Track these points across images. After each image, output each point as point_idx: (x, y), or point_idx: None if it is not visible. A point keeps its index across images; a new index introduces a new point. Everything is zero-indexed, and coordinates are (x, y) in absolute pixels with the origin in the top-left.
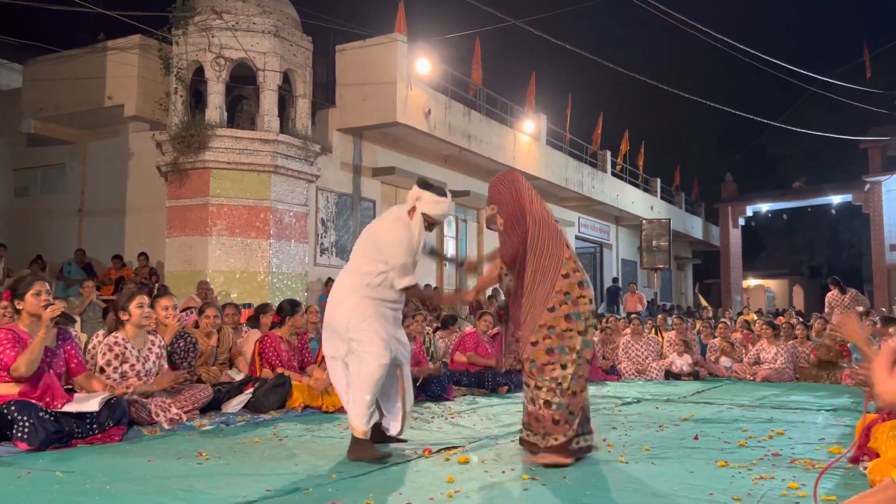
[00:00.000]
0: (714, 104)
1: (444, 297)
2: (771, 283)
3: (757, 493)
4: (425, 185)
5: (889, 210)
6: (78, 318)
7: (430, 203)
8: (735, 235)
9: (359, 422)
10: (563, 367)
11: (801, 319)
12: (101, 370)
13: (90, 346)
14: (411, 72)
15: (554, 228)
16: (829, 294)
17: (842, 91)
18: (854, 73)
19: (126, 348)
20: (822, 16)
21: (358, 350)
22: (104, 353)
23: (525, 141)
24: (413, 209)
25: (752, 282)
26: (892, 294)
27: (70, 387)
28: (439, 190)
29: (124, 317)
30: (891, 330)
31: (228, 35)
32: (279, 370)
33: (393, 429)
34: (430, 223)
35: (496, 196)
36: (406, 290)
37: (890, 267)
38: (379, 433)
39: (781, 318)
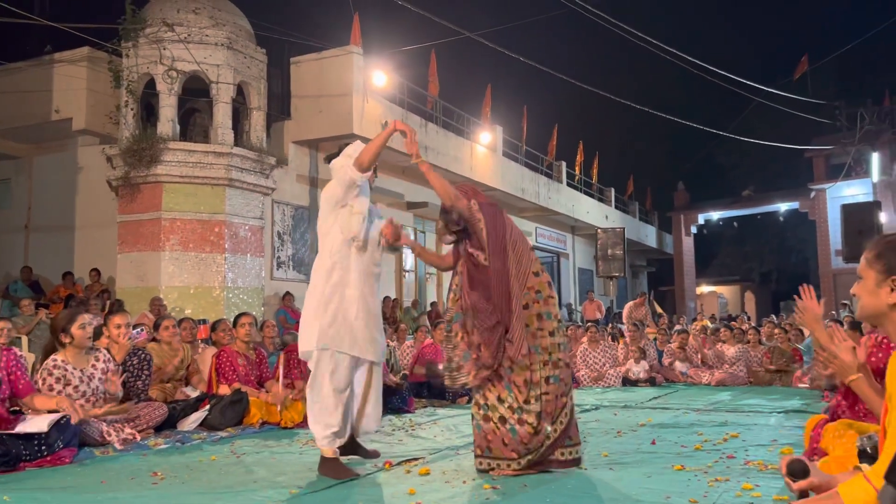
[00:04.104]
0: (665, 115)
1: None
2: (723, 290)
3: (713, 496)
4: (340, 149)
5: (833, 217)
6: (25, 338)
7: (356, 148)
8: (688, 243)
9: (324, 442)
10: (540, 367)
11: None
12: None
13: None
14: (367, 84)
15: (519, 228)
16: (634, 301)
17: (787, 102)
18: (799, 84)
19: (67, 370)
20: (768, 29)
21: (320, 364)
22: (44, 379)
23: (482, 152)
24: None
25: (705, 288)
26: (838, 298)
27: (17, 408)
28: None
29: (66, 339)
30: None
31: (180, 47)
32: (236, 386)
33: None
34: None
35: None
36: (361, 164)
37: (835, 272)
38: (353, 446)
39: (734, 322)
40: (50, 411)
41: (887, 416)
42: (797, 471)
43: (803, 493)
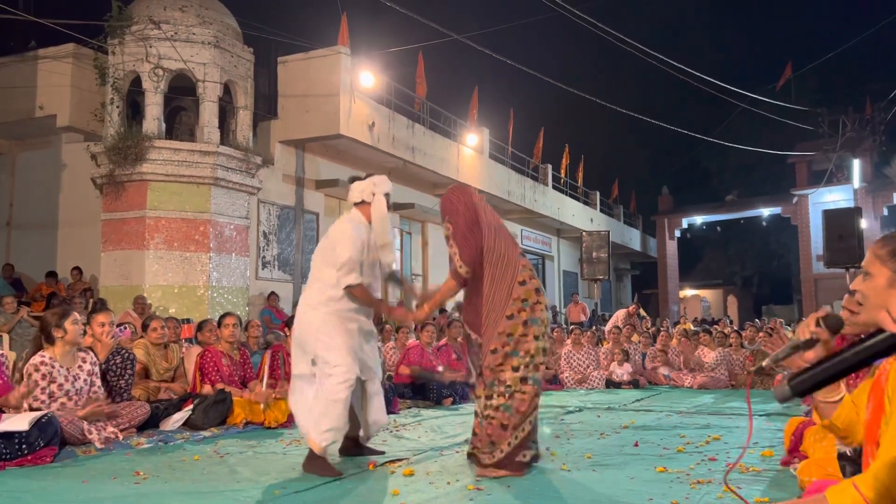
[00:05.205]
0: (650, 119)
1: (393, 311)
2: (706, 293)
3: (694, 498)
4: (367, 175)
5: (815, 222)
6: (6, 336)
7: (383, 184)
8: (672, 247)
9: (317, 438)
10: (515, 369)
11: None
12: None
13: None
14: (355, 84)
15: (507, 237)
16: (625, 311)
17: (770, 108)
18: (782, 90)
19: (53, 367)
20: (752, 37)
21: (323, 369)
22: (31, 374)
23: (468, 154)
24: (372, 196)
25: (688, 292)
26: (819, 303)
27: None
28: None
29: (58, 334)
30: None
31: (167, 45)
32: (220, 385)
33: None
34: (389, 202)
35: (448, 206)
36: (350, 290)
37: (816, 277)
38: (357, 446)
39: (716, 325)
40: (31, 408)
41: (882, 419)
42: (833, 325)
43: (805, 344)
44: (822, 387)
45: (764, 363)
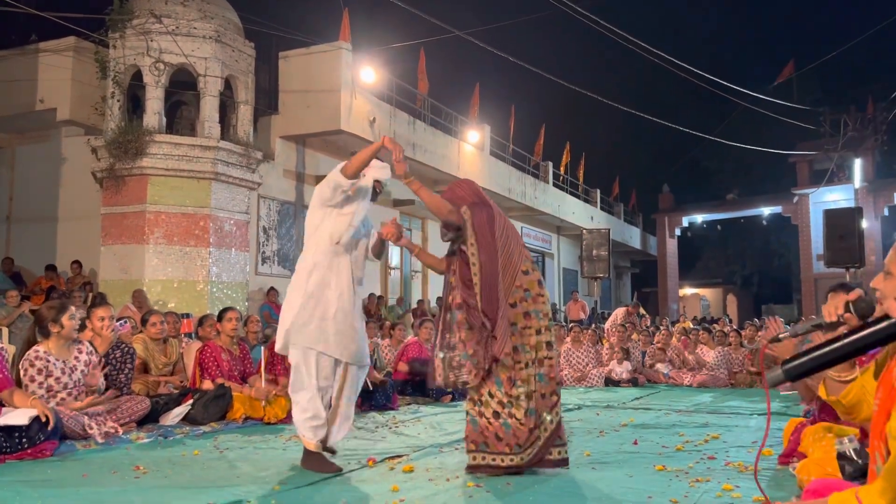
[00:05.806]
0: (651, 117)
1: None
2: (706, 292)
3: (693, 496)
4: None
5: (815, 221)
6: (6, 329)
7: (378, 169)
8: (672, 245)
9: (306, 433)
10: (526, 365)
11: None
12: (26, 387)
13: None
14: (356, 80)
15: (512, 226)
16: (625, 309)
17: (772, 107)
18: (784, 89)
19: (49, 361)
20: (755, 35)
21: (292, 354)
22: (26, 370)
23: (469, 151)
24: (362, 176)
25: (687, 290)
26: (818, 302)
27: None
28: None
29: (55, 329)
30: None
31: (168, 39)
32: (219, 381)
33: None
34: (379, 190)
35: (451, 194)
36: (346, 171)
37: (816, 276)
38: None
39: (715, 324)
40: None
41: (888, 424)
42: (863, 310)
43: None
44: (815, 372)
45: (781, 335)
